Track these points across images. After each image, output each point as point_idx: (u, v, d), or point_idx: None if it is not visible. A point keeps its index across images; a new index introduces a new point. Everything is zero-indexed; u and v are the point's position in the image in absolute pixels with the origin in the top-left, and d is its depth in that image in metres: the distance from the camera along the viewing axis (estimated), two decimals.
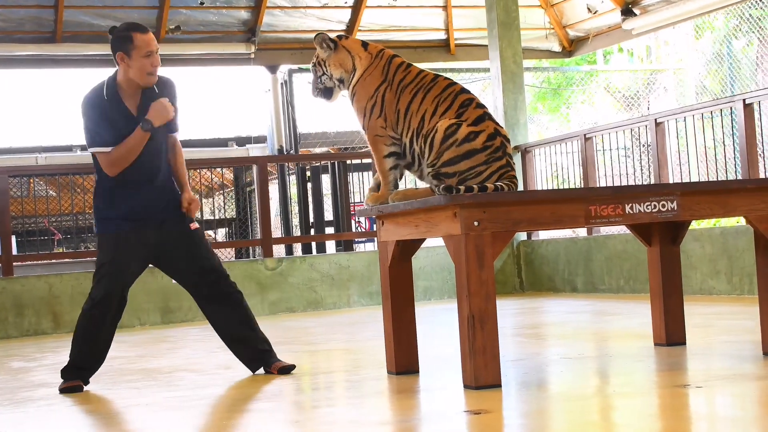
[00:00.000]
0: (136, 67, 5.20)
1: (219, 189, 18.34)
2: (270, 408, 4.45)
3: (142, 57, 5.20)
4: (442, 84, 4.96)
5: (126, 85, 5.28)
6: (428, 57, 14.40)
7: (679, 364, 4.88)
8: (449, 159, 4.68)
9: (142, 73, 5.21)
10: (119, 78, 5.28)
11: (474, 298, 4.30)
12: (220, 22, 13.25)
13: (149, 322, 10.17)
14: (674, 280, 5.46)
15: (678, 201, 4.60)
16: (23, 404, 5.03)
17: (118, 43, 5.23)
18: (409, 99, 4.96)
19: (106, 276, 5.33)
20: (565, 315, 8.47)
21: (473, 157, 4.68)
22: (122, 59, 5.21)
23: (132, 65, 5.20)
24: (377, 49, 5.19)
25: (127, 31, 5.25)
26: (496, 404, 4.02)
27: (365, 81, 5.08)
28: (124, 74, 5.24)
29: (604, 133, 10.83)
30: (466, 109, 4.83)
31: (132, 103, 5.31)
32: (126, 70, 5.22)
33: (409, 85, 5.00)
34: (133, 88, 5.30)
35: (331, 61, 5.17)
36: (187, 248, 5.43)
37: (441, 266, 11.19)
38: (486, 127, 4.75)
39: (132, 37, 5.20)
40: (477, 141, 4.69)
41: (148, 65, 5.22)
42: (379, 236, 5.16)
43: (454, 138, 4.69)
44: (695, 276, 9.05)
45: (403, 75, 5.05)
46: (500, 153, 4.73)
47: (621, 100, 18.60)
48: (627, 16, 13.09)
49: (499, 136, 4.77)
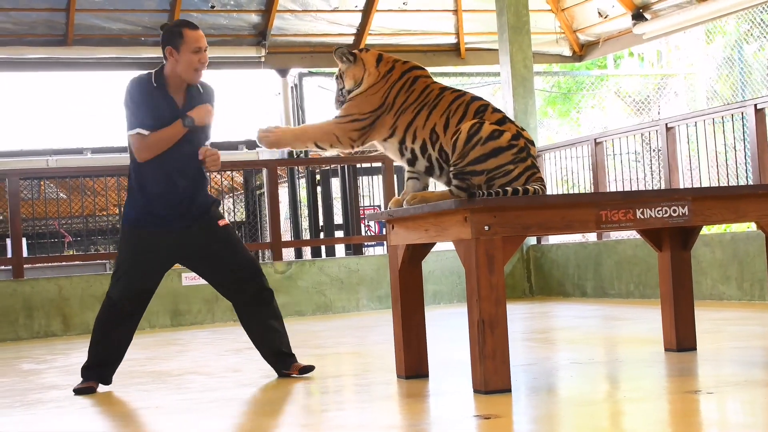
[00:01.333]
0: (184, 62, 5.26)
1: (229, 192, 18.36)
2: (279, 411, 4.45)
3: (191, 52, 5.26)
4: (448, 98, 4.90)
5: (172, 80, 5.34)
6: (438, 61, 14.40)
7: (689, 370, 4.87)
8: (475, 158, 4.62)
9: (189, 69, 5.28)
10: (166, 71, 5.34)
11: (484, 303, 4.29)
12: (231, 25, 13.27)
13: (159, 324, 10.18)
14: (685, 285, 5.44)
15: (689, 206, 4.59)
16: (34, 406, 5.04)
17: (167, 38, 5.30)
18: (411, 118, 4.90)
19: (124, 276, 5.36)
20: (575, 320, 8.45)
21: (500, 155, 4.62)
22: (171, 53, 5.27)
23: (180, 60, 5.26)
24: (387, 68, 5.06)
25: (178, 26, 5.34)
26: (506, 409, 4.02)
27: (363, 97, 5.01)
28: (172, 68, 5.31)
29: (614, 137, 10.81)
30: (482, 115, 4.80)
31: (177, 97, 5.37)
32: (174, 64, 5.29)
33: (411, 105, 4.94)
34: (178, 83, 5.35)
35: (348, 74, 5.11)
36: (219, 246, 5.45)
37: (450, 270, 11.18)
38: (508, 128, 4.73)
39: (182, 32, 5.28)
40: (502, 139, 4.64)
41: (195, 61, 5.28)
42: (389, 240, 5.16)
43: (479, 137, 4.64)
44: (705, 281, 9.03)
45: (405, 97, 4.97)
46: (525, 154, 4.69)
47: (631, 105, 18.58)
48: (638, 20, 13.08)
49: (522, 137, 4.74)
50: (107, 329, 5.39)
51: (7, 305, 9.84)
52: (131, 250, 5.38)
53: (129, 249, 5.39)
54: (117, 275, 5.40)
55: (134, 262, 5.36)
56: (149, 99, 5.30)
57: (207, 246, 5.45)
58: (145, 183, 5.35)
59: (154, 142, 5.27)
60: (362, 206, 12.71)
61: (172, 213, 5.37)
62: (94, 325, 5.45)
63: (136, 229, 5.37)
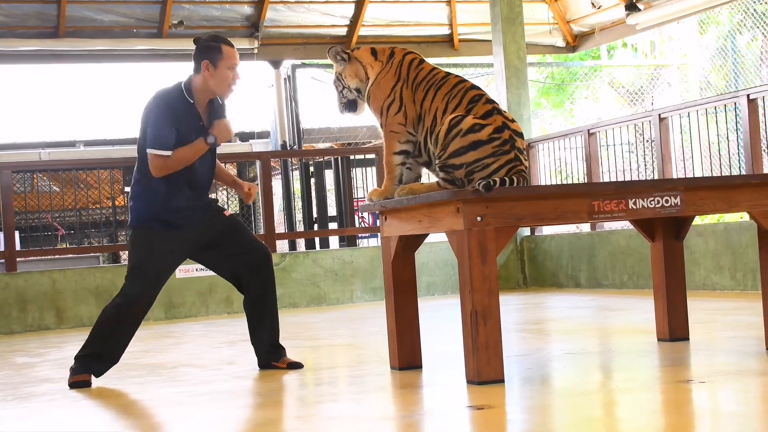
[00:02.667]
0: (219, 78, 5.29)
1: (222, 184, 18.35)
2: (273, 403, 4.46)
3: (227, 69, 5.30)
4: (452, 81, 4.96)
5: (201, 94, 5.35)
6: (432, 52, 14.39)
7: (682, 360, 4.88)
8: (455, 150, 4.66)
9: (224, 84, 5.31)
10: (196, 84, 5.34)
11: (477, 294, 4.30)
12: (223, 17, 13.25)
13: (153, 317, 10.17)
14: (677, 275, 5.45)
15: (682, 196, 4.60)
16: (27, 399, 5.03)
17: (205, 52, 5.30)
18: (422, 97, 4.97)
19: (143, 276, 5.35)
20: (569, 310, 8.46)
21: (479, 148, 4.64)
22: (207, 68, 5.28)
23: (215, 75, 5.28)
24: (386, 54, 5.20)
25: (216, 41, 5.35)
26: (499, 400, 4.02)
27: (380, 84, 5.09)
28: (204, 83, 5.31)
29: (607, 128, 10.82)
30: (475, 105, 4.81)
31: (202, 111, 5.39)
32: (207, 78, 5.29)
33: (422, 82, 5.01)
34: (206, 97, 5.38)
35: (347, 73, 5.18)
36: (231, 233, 5.49)
37: (444, 261, 11.19)
38: (493, 121, 4.73)
39: (221, 48, 5.30)
40: (482, 132, 4.66)
41: (230, 77, 5.32)
42: (382, 231, 5.16)
43: (458, 128, 4.67)
44: (698, 271, 9.04)
45: (416, 73, 5.05)
46: (508, 146, 4.69)
47: (625, 96, 18.59)
48: (631, 11, 13.08)
49: (508, 129, 4.73)
50: (116, 326, 5.37)
51: (0, 299, 9.83)
52: (148, 249, 5.36)
53: (146, 247, 5.37)
54: (135, 274, 5.36)
55: (152, 261, 5.36)
56: (174, 116, 5.28)
57: (219, 237, 5.48)
58: (160, 186, 5.34)
59: (175, 162, 5.28)
60: (356, 198, 12.70)
61: (186, 215, 5.40)
62: (100, 319, 5.38)
63: (152, 228, 5.37)
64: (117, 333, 5.39)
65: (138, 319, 5.46)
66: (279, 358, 5.52)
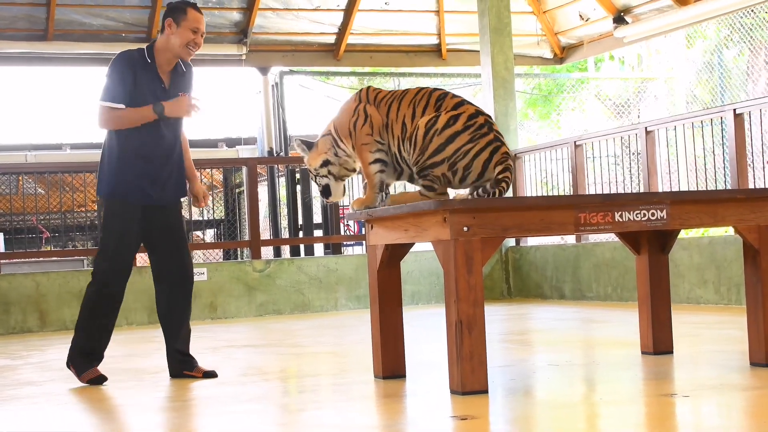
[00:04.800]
0: (181, 37, 5.39)
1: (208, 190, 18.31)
2: (256, 410, 4.44)
3: (189, 30, 5.39)
4: (414, 90, 5.07)
5: (162, 55, 5.45)
6: (420, 61, 14.41)
7: (665, 373, 4.89)
8: (434, 149, 4.73)
9: (183, 44, 5.40)
10: (158, 45, 5.45)
11: (462, 304, 4.30)
12: (212, 23, 13.23)
13: (136, 321, 10.14)
14: (662, 288, 5.46)
15: (667, 210, 4.61)
16: (9, 402, 5.01)
17: (171, 12, 5.44)
18: (386, 110, 5.04)
19: (114, 254, 5.40)
20: (553, 322, 8.47)
21: (457, 139, 4.72)
22: (170, 25, 5.40)
23: (177, 33, 5.39)
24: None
25: (183, 3, 5.47)
26: (483, 410, 4.02)
27: (341, 116, 5.17)
28: (166, 42, 5.42)
29: (594, 140, 10.84)
30: (443, 101, 4.90)
31: (164, 77, 5.48)
32: (169, 36, 5.41)
33: (384, 98, 5.10)
34: (168, 59, 5.46)
35: (311, 157, 5.25)
36: (175, 238, 5.53)
37: (429, 271, 11.19)
38: (465, 110, 4.80)
39: (186, 9, 5.43)
40: (458, 123, 4.75)
41: (191, 39, 5.40)
42: (368, 240, 5.15)
43: (435, 128, 4.75)
44: (683, 285, 9.07)
45: (375, 93, 5.16)
46: (485, 129, 4.76)
47: (611, 108, 18.63)
48: (619, 24, 13.12)
49: (482, 115, 4.82)
50: (101, 313, 5.44)
51: None
52: (119, 225, 5.42)
53: (117, 224, 5.42)
54: (106, 255, 5.41)
55: (122, 238, 5.42)
56: (132, 74, 5.38)
57: (168, 230, 5.52)
58: (135, 154, 5.39)
59: (119, 118, 5.35)
60: (341, 206, 12.69)
61: (157, 186, 5.46)
62: (84, 312, 5.41)
63: (123, 200, 5.40)
64: (103, 319, 5.45)
65: (118, 300, 5.47)
66: (192, 368, 5.54)
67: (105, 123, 5.38)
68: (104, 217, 5.48)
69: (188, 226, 16.16)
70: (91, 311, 5.42)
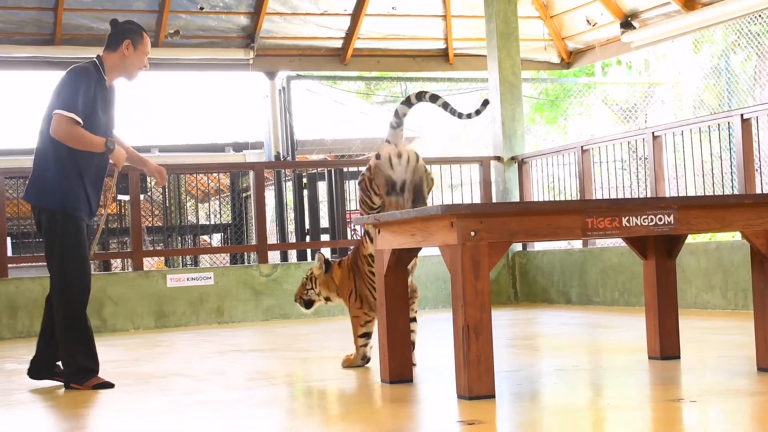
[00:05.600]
0: (136, 59, 5.53)
1: (215, 194, 18.34)
2: (263, 414, 4.45)
3: (144, 54, 5.55)
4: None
5: (111, 72, 5.55)
6: (427, 66, 14.41)
7: (673, 378, 4.88)
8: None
9: (136, 68, 5.57)
10: (110, 62, 5.54)
11: (469, 309, 4.30)
12: (220, 27, 13.25)
13: (143, 326, 10.15)
14: (669, 293, 5.46)
15: (675, 215, 4.61)
16: (16, 406, 5.02)
17: (129, 33, 5.55)
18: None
19: (84, 262, 5.45)
20: (560, 327, 8.46)
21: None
22: (128, 47, 5.51)
23: (133, 56, 5.52)
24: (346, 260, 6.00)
25: (138, 27, 5.63)
26: (490, 415, 4.02)
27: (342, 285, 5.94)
28: (121, 60, 5.52)
29: (601, 145, 10.84)
30: None
31: (106, 93, 5.59)
32: (125, 56, 5.52)
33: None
34: (114, 77, 5.59)
35: (321, 281, 6.02)
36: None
37: (436, 276, 11.18)
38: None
39: (142, 34, 5.59)
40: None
41: (144, 62, 5.58)
42: (375, 245, 5.16)
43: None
44: (690, 290, 9.05)
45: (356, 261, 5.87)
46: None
47: (618, 113, 18.62)
48: (626, 29, 13.11)
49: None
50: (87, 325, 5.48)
51: None
52: (79, 239, 5.46)
53: (73, 240, 5.44)
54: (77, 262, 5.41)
55: (83, 250, 5.46)
56: (89, 89, 5.43)
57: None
58: (75, 172, 5.44)
59: (79, 137, 5.36)
60: (348, 210, 12.70)
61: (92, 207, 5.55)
62: (74, 332, 5.42)
63: (76, 216, 5.44)
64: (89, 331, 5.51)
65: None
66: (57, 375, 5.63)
67: (64, 134, 5.34)
68: (59, 232, 5.42)
69: (195, 230, 16.22)
70: (76, 326, 5.43)
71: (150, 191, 15.68)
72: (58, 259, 5.43)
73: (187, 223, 16.48)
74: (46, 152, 5.45)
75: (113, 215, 15.73)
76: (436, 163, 12.48)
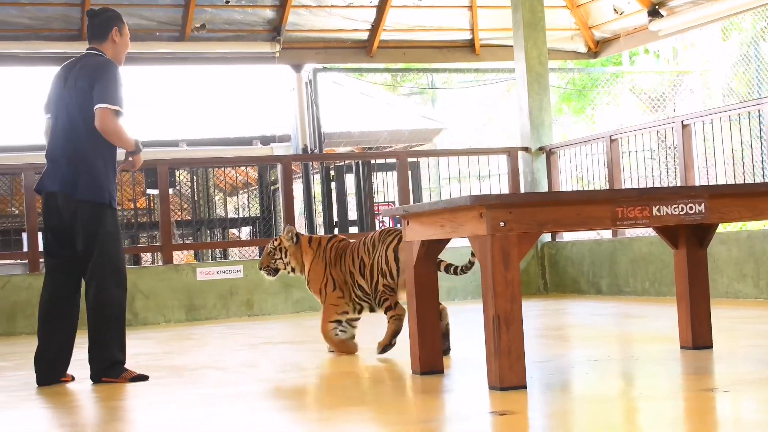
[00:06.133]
0: (124, 45, 5.71)
1: (243, 187, 18.39)
2: (294, 406, 4.46)
3: (127, 38, 5.75)
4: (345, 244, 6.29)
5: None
6: (453, 57, 14.39)
7: (705, 368, 4.86)
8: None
9: (124, 53, 5.72)
10: (111, 53, 5.68)
11: (499, 299, 4.29)
12: (245, 20, 13.28)
13: (174, 319, 10.20)
14: (701, 283, 5.43)
15: (706, 204, 4.58)
16: (49, 399, 5.05)
17: (114, 19, 5.70)
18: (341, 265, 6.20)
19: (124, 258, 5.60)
20: (590, 317, 8.44)
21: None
22: (116, 34, 5.66)
23: (122, 42, 5.69)
24: (317, 243, 6.37)
25: (118, 13, 5.82)
26: (521, 405, 4.01)
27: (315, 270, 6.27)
28: (113, 49, 5.66)
29: (629, 134, 10.79)
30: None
31: None
32: (117, 44, 5.67)
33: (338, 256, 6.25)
34: None
35: (291, 252, 6.35)
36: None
37: None
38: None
39: (123, 20, 5.79)
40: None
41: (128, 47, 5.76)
42: (404, 236, 5.16)
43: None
44: (721, 279, 9.00)
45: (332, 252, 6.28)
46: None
47: (646, 102, 18.53)
48: (653, 17, 13.03)
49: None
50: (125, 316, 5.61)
51: (23, 299, 9.89)
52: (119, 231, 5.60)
53: (119, 230, 5.60)
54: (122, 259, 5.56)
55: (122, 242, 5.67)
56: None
57: None
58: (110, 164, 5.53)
59: (121, 131, 5.44)
60: (376, 202, 12.70)
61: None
62: (118, 322, 5.49)
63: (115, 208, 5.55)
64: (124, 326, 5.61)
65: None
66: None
67: (113, 127, 5.39)
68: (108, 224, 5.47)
69: (224, 224, 16.26)
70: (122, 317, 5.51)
71: (179, 185, 15.74)
72: (108, 252, 5.47)
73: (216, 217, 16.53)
74: (83, 144, 5.45)
75: (142, 209, 15.79)
76: (464, 154, 12.47)
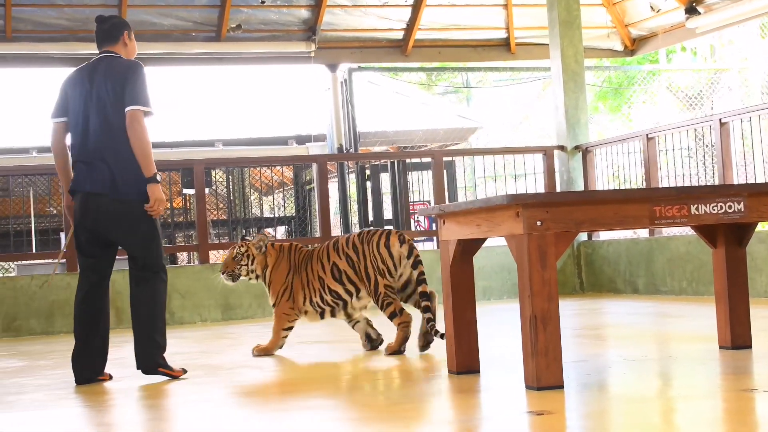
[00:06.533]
0: (133, 48, 5.77)
1: (279, 187, 18.44)
2: (330, 405, 4.46)
3: (134, 42, 5.80)
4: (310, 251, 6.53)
5: None
6: (488, 56, 14.35)
7: (744, 368, 4.81)
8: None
9: (134, 56, 5.75)
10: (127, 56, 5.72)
11: (536, 299, 4.27)
12: (281, 20, 13.32)
13: (210, 318, 10.25)
14: (740, 282, 5.37)
15: (745, 202, 4.54)
16: (87, 398, 5.09)
17: (123, 24, 5.80)
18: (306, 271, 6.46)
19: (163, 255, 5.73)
20: (627, 316, 8.39)
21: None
22: (128, 37, 5.73)
23: (132, 46, 5.75)
24: (279, 246, 6.64)
25: (120, 17, 5.98)
26: (558, 405, 3.99)
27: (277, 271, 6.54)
28: (125, 51, 5.71)
29: (666, 133, 10.71)
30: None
31: None
32: (126, 47, 5.72)
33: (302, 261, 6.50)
34: None
35: (258, 260, 6.58)
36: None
37: (500, 266, 11.14)
38: None
39: (129, 24, 5.87)
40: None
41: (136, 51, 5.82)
42: (440, 235, 5.15)
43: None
44: (760, 279, 8.92)
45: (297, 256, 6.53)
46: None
47: (684, 100, 18.39)
48: (691, 14, 12.93)
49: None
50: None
51: (62, 299, 9.96)
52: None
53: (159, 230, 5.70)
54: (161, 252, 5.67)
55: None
56: None
57: None
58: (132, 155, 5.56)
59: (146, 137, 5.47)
60: (412, 201, 12.69)
61: None
62: (161, 311, 5.56)
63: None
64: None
65: None
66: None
67: (142, 132, 5.43)
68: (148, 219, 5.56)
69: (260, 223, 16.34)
70: (164, 313, 5.59)
71: (215, 185, 15.81)
72: (151, 249, 5.61)
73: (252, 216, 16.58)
74: (122, 145, 5.49)
75: (179, 209, 15.87)
76: (499, 153, 12.43)
